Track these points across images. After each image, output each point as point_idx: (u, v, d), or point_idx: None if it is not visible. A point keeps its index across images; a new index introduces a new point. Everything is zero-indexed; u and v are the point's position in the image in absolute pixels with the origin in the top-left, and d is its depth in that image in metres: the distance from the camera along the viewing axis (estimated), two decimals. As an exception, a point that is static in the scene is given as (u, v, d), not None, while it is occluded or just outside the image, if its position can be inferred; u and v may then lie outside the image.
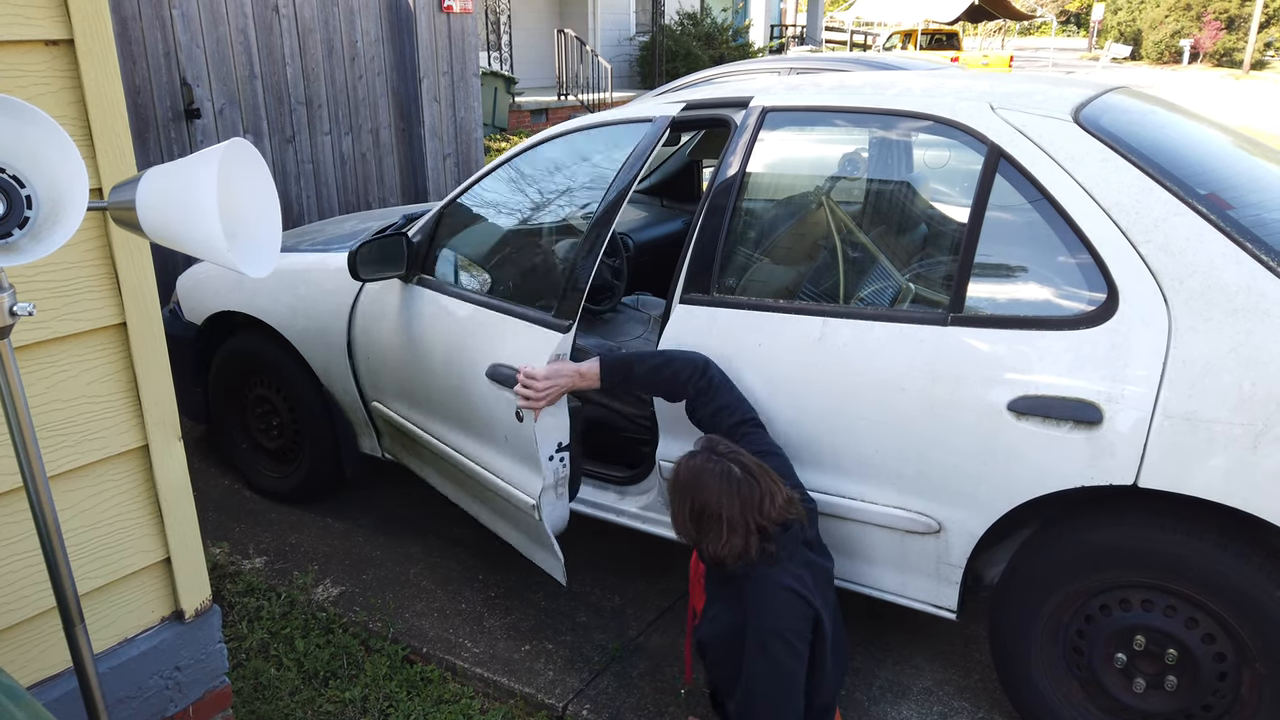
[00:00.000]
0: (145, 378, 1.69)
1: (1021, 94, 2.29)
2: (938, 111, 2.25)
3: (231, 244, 1.01)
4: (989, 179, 2.14)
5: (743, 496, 1.87)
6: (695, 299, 2.45)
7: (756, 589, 1.88)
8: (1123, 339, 1.93)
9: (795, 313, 2.30)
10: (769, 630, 1.86)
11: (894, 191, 2.43)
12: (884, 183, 2.47)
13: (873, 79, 2.56)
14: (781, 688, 1.86)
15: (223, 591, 2.94)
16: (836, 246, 2.41)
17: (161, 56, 4.78)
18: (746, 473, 1.90)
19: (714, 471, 1.90)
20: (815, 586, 1.92)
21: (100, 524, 1.69)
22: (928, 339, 2.12)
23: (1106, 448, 1.92)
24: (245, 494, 3.55)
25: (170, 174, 1.04)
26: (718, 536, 1.87)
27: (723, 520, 1.87)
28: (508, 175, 2.96)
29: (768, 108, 2.49)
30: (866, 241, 2.38)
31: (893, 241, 2.34)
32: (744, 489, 1.88)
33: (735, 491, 1.87)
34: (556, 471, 2.46)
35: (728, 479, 1.89)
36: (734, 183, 2.44)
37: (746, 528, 1.87)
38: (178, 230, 1.01)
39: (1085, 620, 2.10)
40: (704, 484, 1.90)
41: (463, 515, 3.33)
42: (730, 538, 1.86)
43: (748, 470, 1.91)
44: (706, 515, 1.89)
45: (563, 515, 2.56)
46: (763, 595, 1.88)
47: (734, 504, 1.87)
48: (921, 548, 2.21)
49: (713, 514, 1.88)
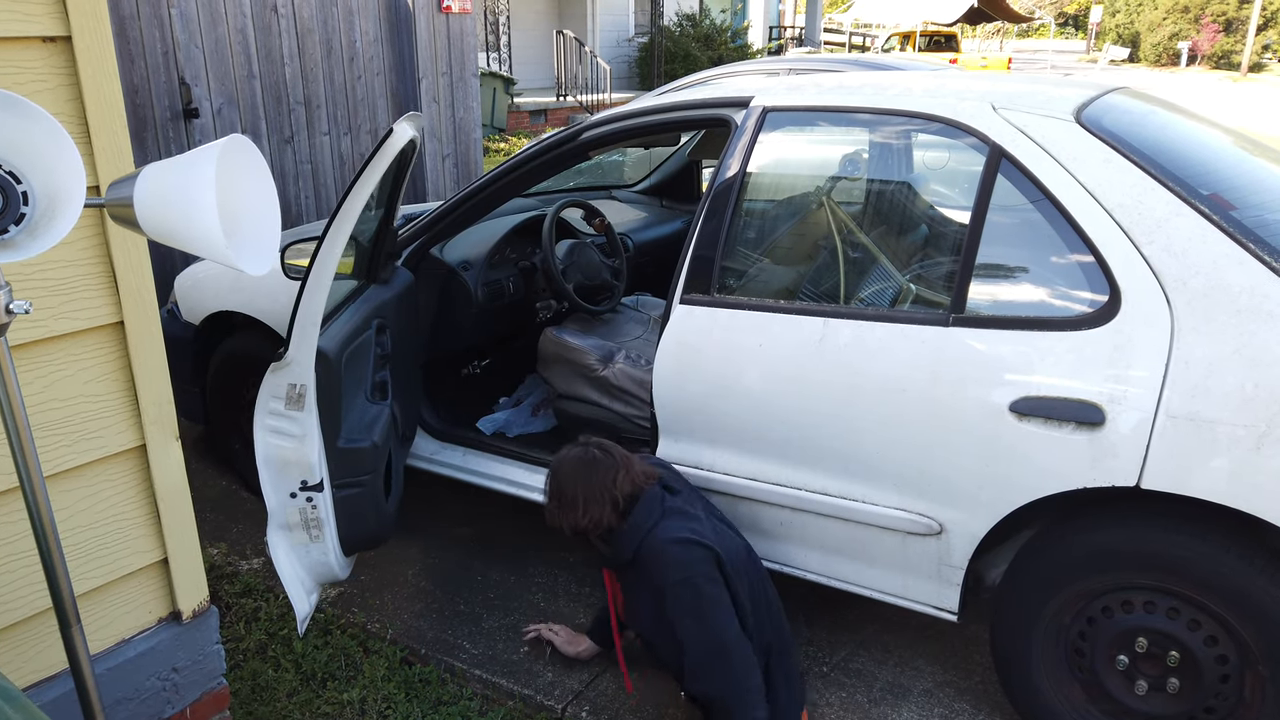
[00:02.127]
0: (143, 377, 1.68)
1: (1023, 94, 2.28)
2: (939, 111, 2.24)
3: (230, 241, 1.00)
4: (990, 179, 2.13)
5: (600, 472, 2.13)
6: (695, 299, 2.44)
7: (650, 557, 2.06)
8: (1125, 340, 1.92)
9: (796, 313, 2.29)
10: (675, 582, 2.02)
11: (895, 192, 2.42)
12: (885, 183, 2.46)
13: (874, 79, 2.55)
14: (709, 623, 2.00)
15: (220, 592, 2.93)
16: (837, 247, 2.40)
17: (160, 56, 4.76)
18: (605, 452, 2.16)
19: (574, 455, 2.18)
20: (710, 533, 2.10)
21: (97, 524, 1.68)
22: (929, 340, 2.12)
23: (1109, 449, 1.91)
24: (243, 495, 3.54)
25: (168, 170, 1.03)
26: (575, 511, 2.12)
27: (579, 496, 2.12)
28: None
29: (768, 107, 2.48)
30: (867, 242, 2.38)
31: (894, 242, 2.33)
32: (600, 466, 2.13)
33: (592, 469, 2.13)
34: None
35: (584, 460, 2.16)
36: (734, 183, 2.44)
37: (601, 501, 2.10)
38: (176, 227, 1.00)
39: (1087, 622, 2.09)
40: (563, 468, 2.17)
41: (461, 515, 3.33)
42: (589, 509, 2.11)
43: (606, 450, 2.17)
44: (564, 494, 2.14)
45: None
46: (657, 559, 2.05)
47: (591, 478, 2.12)
48: (923, 549, 2.21)
49: (569, 493, 2.13)
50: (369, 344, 2.43)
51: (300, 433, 2.13)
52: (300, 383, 2.10)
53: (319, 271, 2.09)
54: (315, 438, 2.14)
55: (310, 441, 2.14)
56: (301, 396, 2.10)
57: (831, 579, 2.40)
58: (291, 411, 2.11)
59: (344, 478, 2.26)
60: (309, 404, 2.11)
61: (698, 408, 2.44)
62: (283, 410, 2.12)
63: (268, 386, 2.14)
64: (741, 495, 2.42)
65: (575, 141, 2.81)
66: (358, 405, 2.34)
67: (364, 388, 2.39)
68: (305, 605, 2.22)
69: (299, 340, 2.10)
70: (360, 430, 2.29)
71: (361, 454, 2.28)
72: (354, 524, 2.33)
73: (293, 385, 2.10)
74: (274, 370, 2.13)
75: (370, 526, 2.36)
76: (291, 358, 2.11)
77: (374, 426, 2.32)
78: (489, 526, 3.28)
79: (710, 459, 2.45)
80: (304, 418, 2.12)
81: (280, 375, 2.13)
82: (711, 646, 1.99)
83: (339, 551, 2.30)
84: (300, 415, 2.12)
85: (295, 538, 2.21)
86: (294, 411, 2.11)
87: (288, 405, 2.11)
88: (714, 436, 2.44)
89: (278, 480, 2.17)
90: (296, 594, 2.21)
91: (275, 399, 2.13)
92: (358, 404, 2.34)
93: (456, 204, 2.92)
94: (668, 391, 2.47)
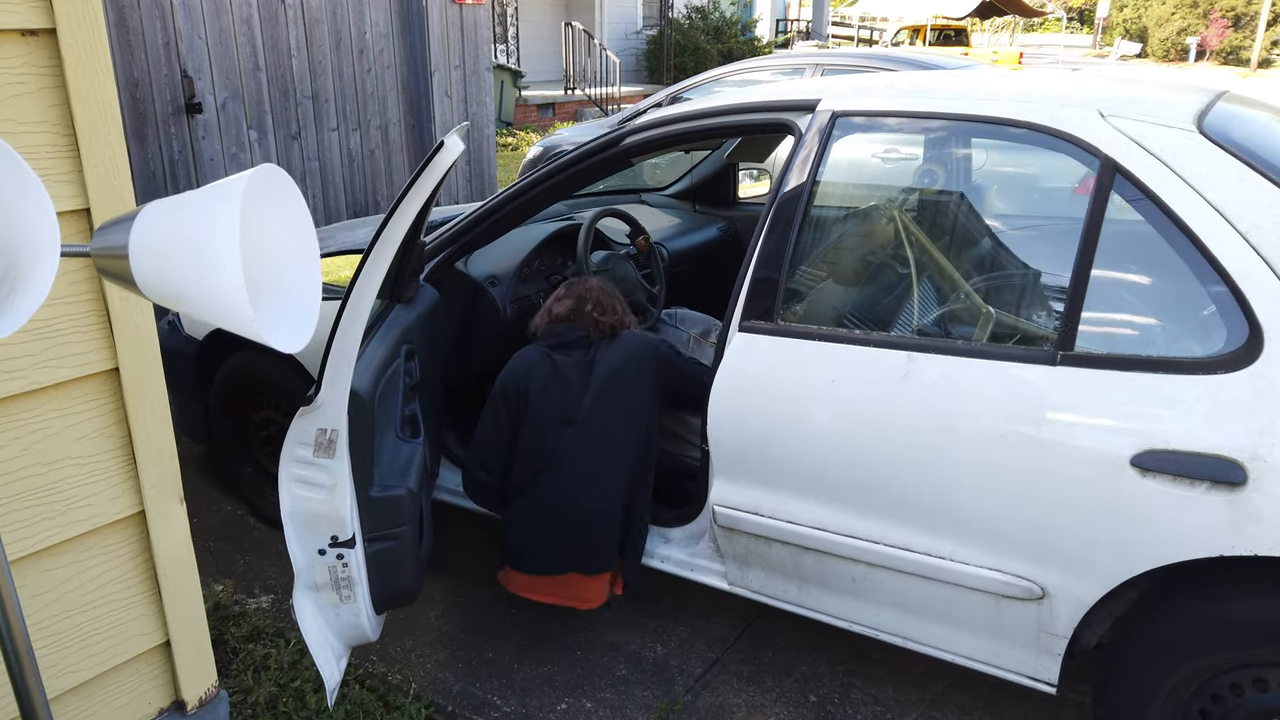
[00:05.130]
0: (141, 433, 1.43)
1: (1132, 99, 2.03)
2: (1039, 119, 1.99)
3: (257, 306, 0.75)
4: (1103, 197, 1.88)
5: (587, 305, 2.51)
6: (757, 327, 2.19)
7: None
8: (1270, 385, 1.67)
9: (875, 345, 2.04)
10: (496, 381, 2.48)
11: (985, 209, 2.17)
12: (975, 198, 2.20)
13: (952, 80, 2.30)
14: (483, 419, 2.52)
15: (225, 635, 2.68)
16: (922, 270, 2.15)
17: (161, 47, 4.50)
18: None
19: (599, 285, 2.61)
20: (539, 380, 2.47)
21: (88, 607, 1.43)
22: (1033, 380, 1.87)
23: (1252, 513, 1.66)
24: (249, 521, 3.29)
25: (177, 210, 0.77)
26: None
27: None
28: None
29: (838, 112, 2.22)
30: (956, 266, 2.12)
31: (988, 266, 2.08)
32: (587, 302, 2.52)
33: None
34: None
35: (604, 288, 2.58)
36: (800, 197, 2.18)
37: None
38: (186, 288, 0.75)
39: (1211, 699, 1.84)
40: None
41: (487, 547, 3.08)
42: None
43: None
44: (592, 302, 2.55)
45: None
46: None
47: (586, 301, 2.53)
48: (1020, 614, 1.96)
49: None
50: (399, 374, 2.18)
51: (331, 482, 1.88)
52: (332, 427, 1.85)
53: (356, 305, 1.84)
54: (347, 488, 1.89)
55: (342, 492, 1.89)
56: (333, 442, 1.85)
57: (908, 641, 2.15)
58: (321, 459, 1.86)
59: (377, 530, 2.01)
60: (340, 450, 1.86)
61: (758, 448, 2.19)
62: (311, 458, 1.87)
63: (295, 433, 1.89)
64: (807, 546, 2.18)
65: (616, 149, 2.55)
66: (389, 446, 2.09)
67: (394, 424, 2.14)
68: (335, 673, 1.98)
69: (332, 380, 1.85)
70: (394, 475, 2.04)
71: (397, 503, 2.03)
72: (388, 580, 2.08)
73: (323, 430, 1.85)
74: (302, 415, 1.88)
75: (406, 581, 2.12)
76: (323, 400, 1.86)
77: (408, 470, 2.06)
78: (516, 561, 3.03)
79: (772, 505, 2.20)
80: (335, 466, 1.87)
81: (309, 420, 1.88)
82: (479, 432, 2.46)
83: (371, 611, 2.05)
84: (331, 463, 1.87)
85: (324, 599, 1.96)
86: (324, 459, 1.86)
87: (316, 452, 1.86)
88: (776, 480, 2.19)
89: (305, 536, 1.92)
90: (325, 660, 1.96)
91: (303, 446, 1.88)
92: (388, 444, 2.09)
93: (484, 215, 2.67)
94: (724, 429, 2.22)
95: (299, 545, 1.91)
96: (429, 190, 1.92)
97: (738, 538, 2.29)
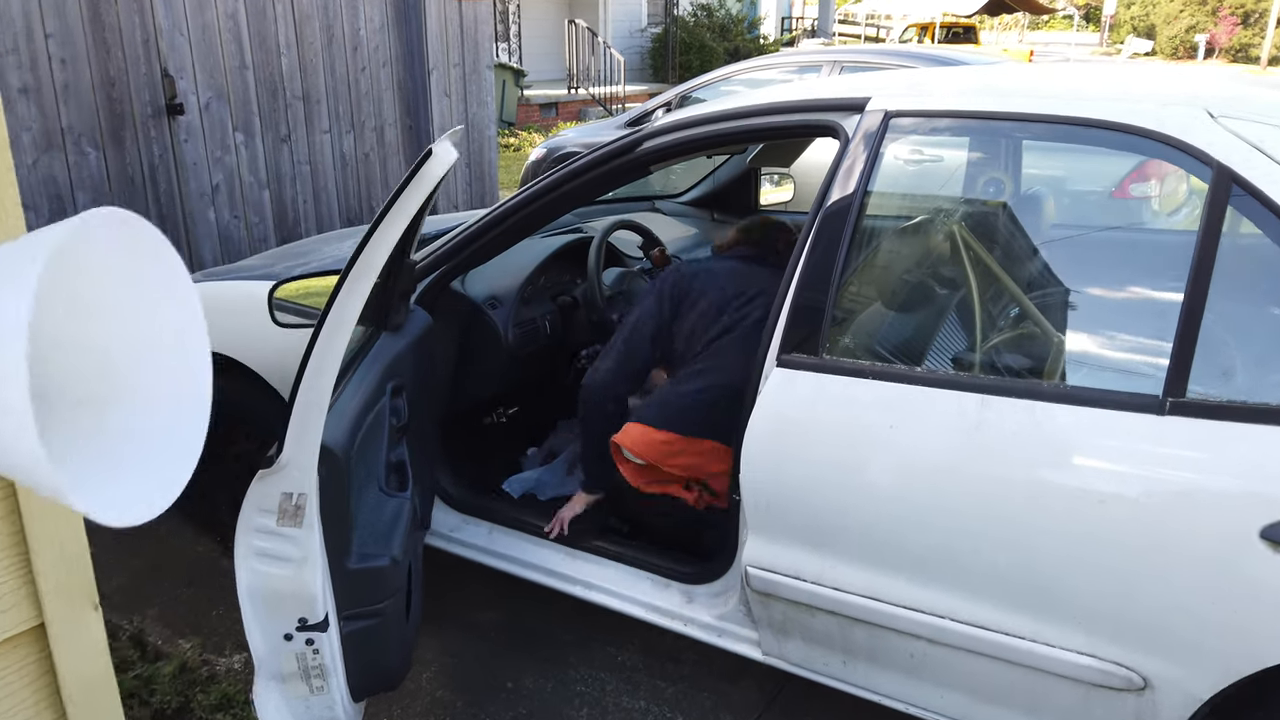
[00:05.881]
0: (36, 517, 1.12)
1: (1241, 98, 1.72)
2: (1138, 121, 1.67)
3: (68, 450, 0.45)
4: (1219, 212, 1.57)
5: None
6: (798, 361, 1.88)
7: None
8: None
9: (941, 385, 1.74)
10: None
11: (1075, 226, 1.86)
12: (1061, 213, 1.89)
13: (1029, 77, 1.99)
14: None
15: (191, 704, 2.37)
16: (991, 296, 1.84)
17: (140, 44, 4.20)
18: None
19: None
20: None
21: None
22: (1137, 432, 1.56)
23: None
24: (224, 564, 2.98)
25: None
26: None
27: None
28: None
29: (892, 112, 1.92)
30: (1033, 295, 1.81)
31: (1077, 294, 1.77)
32: None
33: None
34: None
35: None
36: (850, 211, 1.87)
37: None
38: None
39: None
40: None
41: (484, 598, 2.77)
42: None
43: None
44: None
45: None
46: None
47: None
48: (1115, 707, 1.65)
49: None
50: (383, 418, 1.87)
51: (299, 555, 1.58)
52: (298, 491, 1.55)
53: (328, 341, 1.54)
54: (318, 560, 1.59)
55: (311, 566, 1.58)
56: (300, 509, 1.54)
57: (975, 728, 1.85)
58: (286, 529, 1.56)
59: (355, 607, 1.70)
60: (309, 518, 1.55)
61: (800, 501, 1.88)
62: (274, 527, 1.57)
63: (254, 498, 1.59)
64: (859, 618, 1.87)
65: (632, 155, 2.25)
66: (369, 503, 1.78)
67: (377, 477, 1.83)
68: None
69: (298, 435, 1.55)
70: (376, 542, 1.73)
71: (379, 575, 1.73)
72: (368, 664, 1.77)
73: (288, 495, 1.55)
74: (262, 478, 1.58)
75: (389, 664, 1.81)
76: (288, 459, 1.56)
77: (392, 534, 1.76)
78: (518, 611, 2.73)
79: (816, 569, 1.90)
80: (303, 536, 1.57)
81: (271, 483, 1.57)
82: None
83: (348, 700, 1.74)
84: (298, 534, 1.56)
85: (291, 690, 1.65)
86: (289, 529, 1.56)
87: (281, 521, 1.55)
88: (821, 539, 1.88)
89: (268, 620, 1.62)
90: None
91: (264, 514, 1.58)
92: (369, 502, 1.79)
93: (483, 229, 2.36)
94: (760, 478, 1.92)
95: (260, 630, 1.61)
96: (417, 204, 1.62)
97: (775, 604, 1.98)
